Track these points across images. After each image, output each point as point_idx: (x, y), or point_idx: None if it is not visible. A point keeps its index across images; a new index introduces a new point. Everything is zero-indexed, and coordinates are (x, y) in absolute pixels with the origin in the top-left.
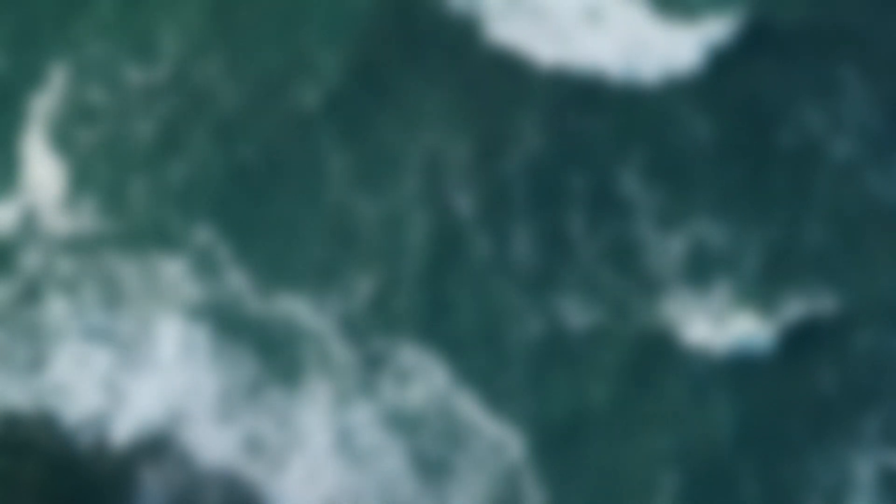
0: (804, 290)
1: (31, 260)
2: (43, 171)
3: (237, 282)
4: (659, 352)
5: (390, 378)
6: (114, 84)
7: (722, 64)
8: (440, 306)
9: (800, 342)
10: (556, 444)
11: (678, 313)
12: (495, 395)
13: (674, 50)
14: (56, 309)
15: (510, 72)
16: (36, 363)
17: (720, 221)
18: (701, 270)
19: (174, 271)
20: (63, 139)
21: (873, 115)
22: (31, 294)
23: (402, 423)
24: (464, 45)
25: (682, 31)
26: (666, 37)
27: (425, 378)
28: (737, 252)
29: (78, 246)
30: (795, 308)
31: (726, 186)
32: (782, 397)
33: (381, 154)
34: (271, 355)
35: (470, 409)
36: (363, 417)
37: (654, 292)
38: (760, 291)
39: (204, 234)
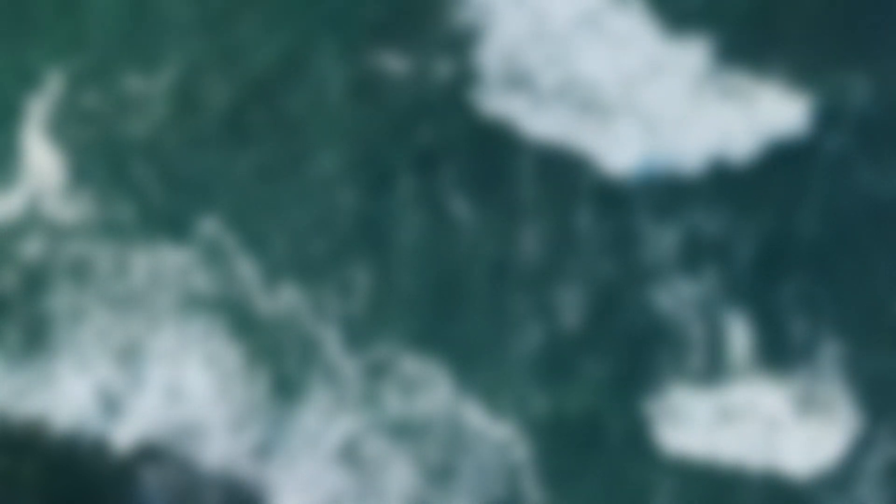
0: (798, 283)
1: (33, 251)
2: (44, 160)
3: (239, 279)
4: (659, 352)
5: (393, 386)
6: (112, 83)
7: (717, 59)
8: (441, 310)
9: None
10: (560, 449)
11: (675, 308)
12: (499, 401)
13: (669, 50)
14: (59, 301)
15: (510, 75)
16: (37, 357)
17: (715, 213)
18: (695, 262)
19: (179, 263)
20: (63, 130)
21: (869, 108)
22: (34, 284)
23: (406, 431)
24: (464, 48)
25: (677, 34)
26: (661, 40)
27: (429, 385)
28: (731, 244)
29: (80, 237)
30: (789, 301)
31: (722, 179)
32: None
33: (381, 154)
34: (275, 359)
35: (473, 414)
36: (366, 424)
37: (652, 287)
38: (754, 283)
39: (209, 227)
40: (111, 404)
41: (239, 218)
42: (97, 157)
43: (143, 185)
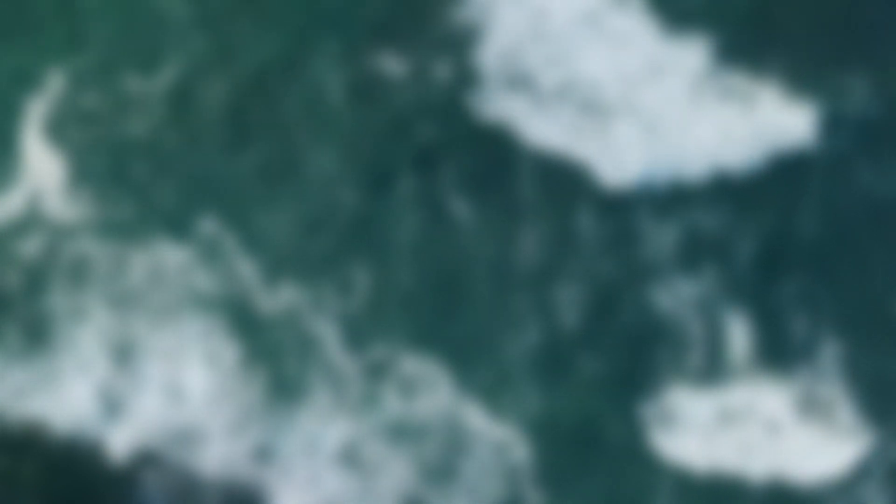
0: (798, 283)
1: (33, 251)
2: (44, 160)
3: (239, 279)
4: (659, 353)
5: (393, 386)
6: (112, 83)
7: (717, 59)
8: (441, 311)
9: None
10: (559, 451)
11: (676, 308)
12: (499, 402)
13: (669, 50)
14: (58, 301)
15: (510, 75)
16: (37, 357)
17: (715, 213)
18: (694, 262)
19: (179, 262)
20: (63, 130)
21: (869, 109)
22: (34, 284)
23: (406, 431)
24: (464, 48)
25: (677, 34)
26: (661, 40)
27: (429, 385)
28: (731, 243)
29: (80, 237)
30: (789, 301)
31: (721, 178)
32: None
33: (380, 154)
34: (274, 359)
35: (473, 415)
36: (366, 425)
37: (652, 287)
38: (754, 283)
39: (209, 227)
40: (111, 404)
41: (238, 217)
42: (97, 157)
43: (143, 185)
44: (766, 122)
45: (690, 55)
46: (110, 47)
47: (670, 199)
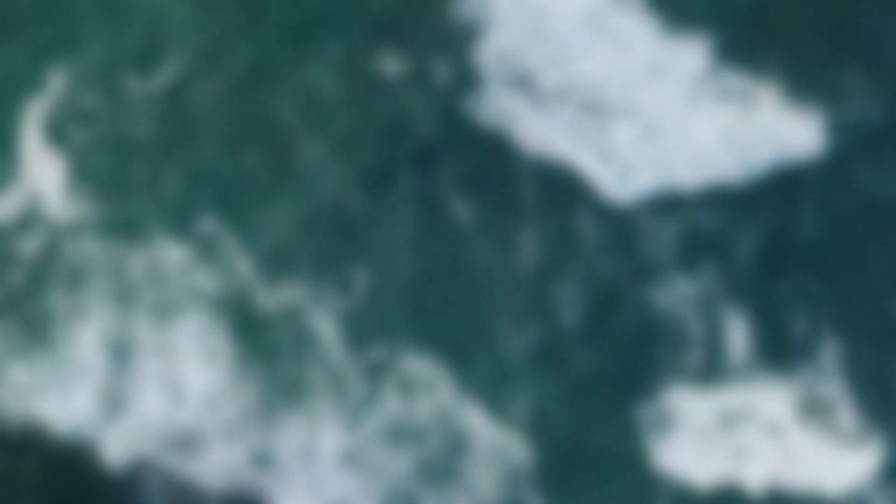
0: (798, 282)
1: (33, 250)
2: (44, 160)
3: (238, 278)
4: (659, 353)
5: (393, 386)
6: (112, 83)
7: (717, 59)
8: (441, 310)
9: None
10: (559, 452)
11: (674, 307)
12: (499, 402)
13: (669, 51)
14: (58, 300)
15: (510, 75)
16: (37, 357)
17: (715, 213)
18: (694, 261)
19: (178, 261)
20: (63, 130)
21: (869, 109)
22: (34, 284)
23: (406, 432)
24: (464, 48)
25: (677, 34)
26: (661, 40)
27: (429, 385)
28: (731, 243)
29: (79, 237)
30: (789, 301)
31: (722, 178)
32: None
33: (379, 154)
34: (274, 359)
35: (473, 416)
36: (366, 425)
37: (653, 287)
38: (754, 282)
39: (208, 226)
40: (111, 404)
41: (238, 216)
42: (97, 157)
43: (143, 185)
44: (765, 122)
45: (690, 55)
46: (109, 47)
47: (670, 198)
